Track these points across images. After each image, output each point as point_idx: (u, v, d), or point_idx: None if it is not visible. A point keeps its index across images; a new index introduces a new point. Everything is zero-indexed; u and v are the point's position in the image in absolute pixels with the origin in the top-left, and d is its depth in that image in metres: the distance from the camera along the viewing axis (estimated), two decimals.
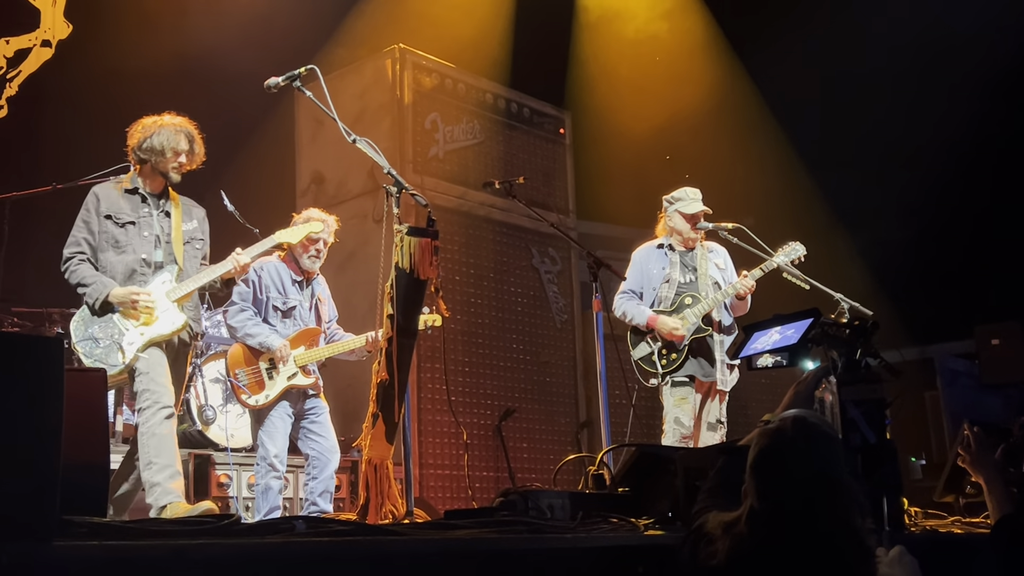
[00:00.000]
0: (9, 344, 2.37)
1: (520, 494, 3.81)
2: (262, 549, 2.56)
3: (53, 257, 7.13)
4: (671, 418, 6.20)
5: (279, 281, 6.16)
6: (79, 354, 4.95)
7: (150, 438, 4.76)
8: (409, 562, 2.78)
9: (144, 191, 5.16)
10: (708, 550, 2.53)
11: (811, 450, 2.51)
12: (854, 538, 2.46)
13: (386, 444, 4.41)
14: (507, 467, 7.63)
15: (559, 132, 9.88)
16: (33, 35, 7.82)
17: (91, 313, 4.97)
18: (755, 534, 2.46)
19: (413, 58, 8.68)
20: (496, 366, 8.65)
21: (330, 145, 8.65)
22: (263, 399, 5.94)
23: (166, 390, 4.89)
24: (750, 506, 2.51)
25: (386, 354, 4.38)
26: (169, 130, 5.12)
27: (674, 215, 6.51)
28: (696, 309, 6.27)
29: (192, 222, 5.30)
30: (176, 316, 5.03)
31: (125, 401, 6.69)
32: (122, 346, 4.90)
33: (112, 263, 5.03)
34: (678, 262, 6.47)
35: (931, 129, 9.34)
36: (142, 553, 2.33)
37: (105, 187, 5.17)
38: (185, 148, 5.14)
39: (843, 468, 2.54)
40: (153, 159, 5.11)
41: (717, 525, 2.56)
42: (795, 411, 2.71)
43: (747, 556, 2.45)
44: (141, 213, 5.12)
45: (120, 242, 5.05)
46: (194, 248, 5.27)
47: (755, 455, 2.55)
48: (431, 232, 4.47)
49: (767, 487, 2.49)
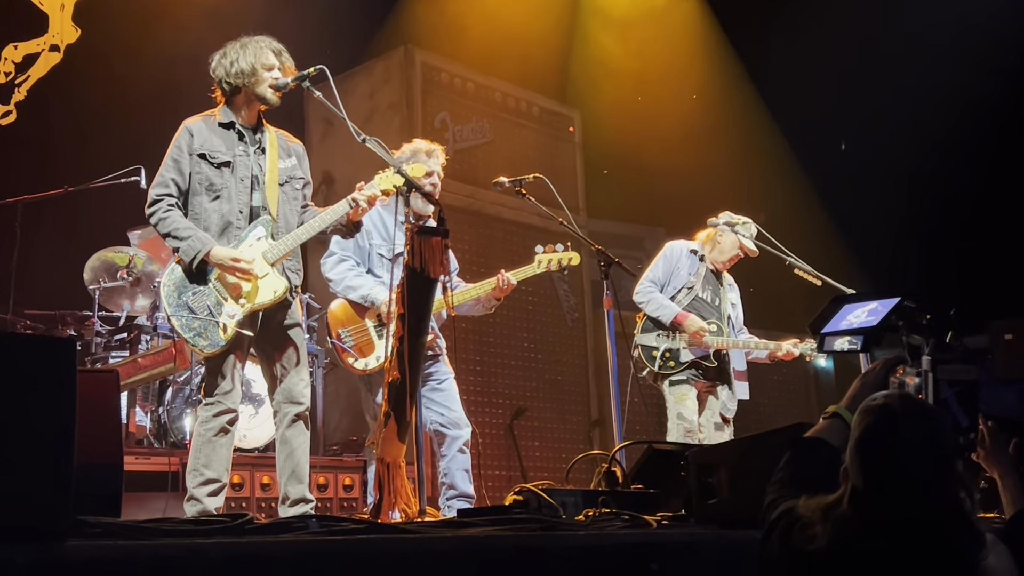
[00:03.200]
0: (22, 345, 2.38)
1: (533, 492, 3.80)
2: (276, 548, 2.56)
3: (65, 259, 7.20)
4: (674, 414, 6.20)
5: (382, 225, 5.44)
6: (175, 325, 4.43)
7: (204, 444, 4.45)
8: (423, 560, 2.78)
9: (240, 125, 4.66)
10: (806, 534, 2.44)
11: (923, 425, 2.41)
12: (965, 520, 2.39)
13: (398, 443, 4.40)
14: (519, 466, 7.63)
15: (568, 130, 9.88)
16: (42, 40, 7.85)
17: (184, 273, 4.46)
18: (862, 515, 2.39)
19: (422, 57, 8.69)
20: (507, 365, 8.65)
21: (340, 145, 8.66)
22: (374, 362, 5.22)
23: (232, 390, 4.49)
24: (852, 487, 2.44)
25: (397, 353, 4.37)
26: (253, 47, 4.62)
27: (730, 236, 6.40)
28: (716, 340, 6.24)
29: (291, 159, 4.78)
30: (277, 281, 4.53)
31: (138, 402, 6.71)
32: (221, 321, 4.42)
33: (207, 211, 4.52)
34: (703, 275, 6.45)
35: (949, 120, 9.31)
36: (156, 552, 2.34)
37: (197, 123, 4.62)
38: (274, 62, 4.65)
39: (952, 446, 2.47)
40: (246, 82, 4.60)
41: (814, 508, 2.48)
42: (892, 391, 2.64)
43: (854, 538, 2.38)
44: (237, 152, 4.60)
45: (215, 185, 4.53)
46: (293, 189, 4.75)
47: (861, 432, 2.47)
48: (441, 231, 4.46)
49: (874, 466, 2.41)
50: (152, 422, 6.72)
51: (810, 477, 2.61)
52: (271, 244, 4.56)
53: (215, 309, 4.44)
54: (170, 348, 6.23)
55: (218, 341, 4.42)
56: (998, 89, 9.29)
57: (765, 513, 2.71)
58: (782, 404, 10.21)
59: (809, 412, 9.81)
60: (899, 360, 3.56)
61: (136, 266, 6.82)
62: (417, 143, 5.54)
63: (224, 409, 4.49)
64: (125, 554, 2.30)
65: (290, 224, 4.70)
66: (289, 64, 4.71)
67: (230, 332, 4.43)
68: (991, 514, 4.46)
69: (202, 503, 4.41)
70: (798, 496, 2.61)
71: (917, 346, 3.68)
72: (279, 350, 4.67)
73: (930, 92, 9.50)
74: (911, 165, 9.74)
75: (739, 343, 6.31)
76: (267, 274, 4.53)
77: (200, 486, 4.43)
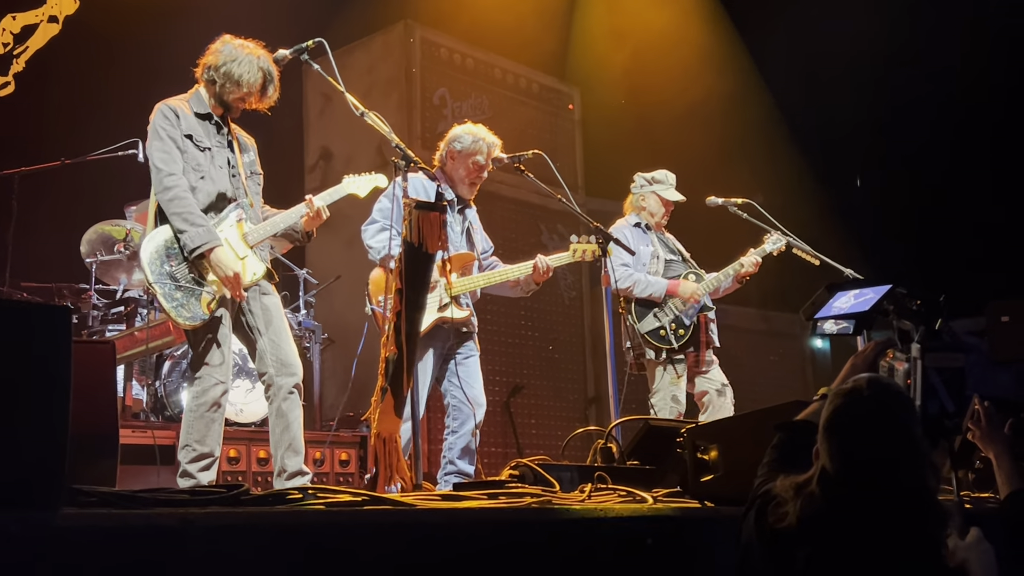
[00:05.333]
0: (17, 312, 2.37)
1: (529, 467, 3.81)
2: (271, 518, 2.57)
3: (62, 232, 7.17)
4: (668, 396, 6.10)
5: (425, 198, 5.25)
6: (157, 293, 4.40)
7: (197, 419, 4.46)
8: (418, 533, 2.78)
9: (216, 118, 4.69)
10: (778, 512, 2.48)
11: (888, 409, 2.46)
12: (929, 500, 2.42)
13: (395, 418, 4.41)
14: (516, 443, 7.64)
15: (568, 108, 9.83)
16: (40, 11, 7.79)
17: (170, 248, 4.43)
18: (828, 494, 2.42)
19: (422, 33, 8.64)
20: (504, 343, 8.64)
21: (338, 121, 8.63)
22: None
23: (223, 363, 4.49)
24: (822, 467, 2.47)
25: (395, 328, 4.37)
26: (253, 62, 4.60)
27: (650, 196, 6.49)
28: (704, 286, 6.25)
29: (250, 153, 4.87)
30: (256, 264, 4.59)
31: (135, 375, 6.70)
32: (203, 294, 4.42)
33: (195, 188, 4.53)
34: (657, 241, 6.46)
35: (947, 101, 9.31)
36: (151, 522, 2.34)
37: (178, 105, 4.60)
38: (258, 86, 4.65)
39: (919, 429, 2.50)
40: (227, 87, 4.61)
41: (787, 487, 2.51)
42: (867, 374, 2.67)
43: (819, 516, 2.41)
44: (214, 141, 4.65)
45: (202, 166, 4.55)
46: (255, 183, 4.84)
47: (829, 414, 2.50)
48: (440, 207, 4.46)
49: (841, 446, 2.44)
50: (148, 396, 6.71)
51: (797, 459, 2.63)
52: (251, 227, 4.63)
53: (198, 283, 4.45)
54: (167, 322, 6.21)
55: (200, 315, 4.43)
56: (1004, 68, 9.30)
57: (751, 495, 2.74)
58: (778, 383, 10.22)
59: (805, 391, 9.81)
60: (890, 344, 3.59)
61: (133, 240, 6.80)
62: (480, 131, 5.55)
63: (215, 383, 4.48)
64: (120, 523, 2.30)
65: (259, 214, 4.77)
66: (272, 95, 4.72)
67: (213, 307, 4.45)
68: (986, 494, 4.48)
69: (195, 478, 4.42)
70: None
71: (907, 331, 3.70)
72: (263, 322, 4.66)
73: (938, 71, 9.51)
74: (913, 146, 9.75)
75: (712, 281, 6.29)
76: (246, 256, 4.58)
77: (193, 461, 4.44)
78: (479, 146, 5.48)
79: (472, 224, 5.67)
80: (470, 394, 5.27)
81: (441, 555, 2.78)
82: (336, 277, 8.10)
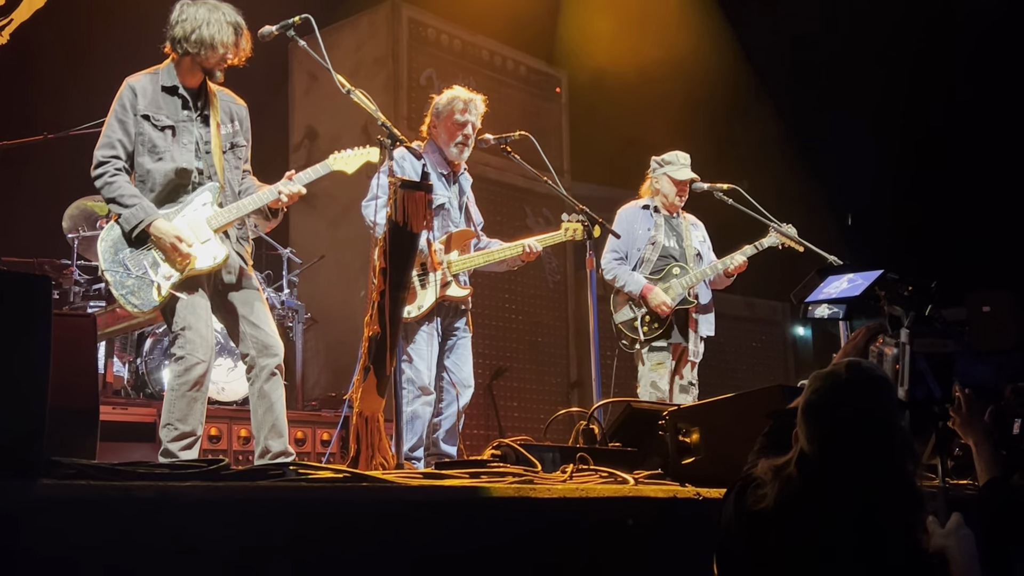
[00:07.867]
0: None
1: (511, 447, 3.81)
2: (250, 493, 2.56)
3: (44, 207, 7.11)
4: (647, 382, 6.22)
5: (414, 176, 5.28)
6: (108, 281, 4.40)
7: (179, 398, 4.41)
8: (399, 509, 2.78)
9: (183, 91, 4.55)
10: (756, 494, 2.49)
11: (866, 392, 2.47)
12: (906, 484, 2.43)
13: (377, 397, 4.39)
14: (498, 425, 7.64)
15: (555, 91, 9.81)
16: None
17: (122, 235, 4.40)
18: (805, 477, 2.43)
19: (409, 12, 8.60)
20: (488, 325, 8.63)
21: (324, 100, 8.58)
22: (415, 311, 5.18)
23: (203, 341, 4.43)
24: (800, 450, 2.48)
25: (378, 307, 4.35)
26: (220, 19, 4.48)
27: (662, 178, 6.49)
28: (684, 280, 6.27)
29: (233, 123, 4.71)
30: (217, 248, 4.47)
31: (116, 352, 6.67)
32: (156, 281, 4.37)
33: (150, 172, 4.45)
34: (663, 225, 6.46)
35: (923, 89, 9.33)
36: (129, 494, 2.32)
37: (141, 81, 4.50)
38: (232, 41, 4.51)
39: (897, 413, 2.51)
40: (202, 53, 4.47)
41: (767, 469, 2.52)
42: (848, 358, 2.67)
43: (796, 499, 2.42)
44: (180, 117, 4.52)
45: (159, 147, 4.46)
46: (235, 157, 4.69)
47: (808, 397, 2.51)
48: (425, 186, 4.43)
49: (819, 429, 2.45)
50: (130, 373, 6.69)
51: (789, 447, 2.64)
52: (216, 211, 4.52)
53: (152, 269, 4.39)
54: None
55: (151, 301, 4.38)
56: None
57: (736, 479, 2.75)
58: (760, 371, 10.28)
59: (787, 379, 9.86)
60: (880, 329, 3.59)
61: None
62: (457, 91, 5.52)
63: (196, 361, 4.43)
64: (98, 494, 2.29)
65: (234, 191, 4.67)
66: (245, 47, 4.59)
67: (164, 293, 4.38)
68: (965, 480, 4.50)
69: (176, 457, 4.37)
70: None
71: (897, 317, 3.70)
72: (241, 303, 4.61)
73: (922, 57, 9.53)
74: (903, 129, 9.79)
75: (697, 275, 6.30)
76: (208, 240, 4.48)
77: (175, 440, 4.40)
78: (455, 104, 5.43)
79: (469, 198, 5.64)
80: (459, 375, 5.33)
81: (423, 532, 2.78)
82: (320, 257, 8.08)
